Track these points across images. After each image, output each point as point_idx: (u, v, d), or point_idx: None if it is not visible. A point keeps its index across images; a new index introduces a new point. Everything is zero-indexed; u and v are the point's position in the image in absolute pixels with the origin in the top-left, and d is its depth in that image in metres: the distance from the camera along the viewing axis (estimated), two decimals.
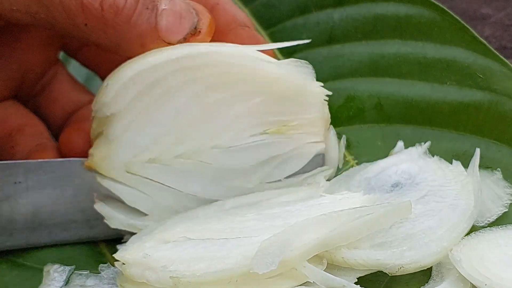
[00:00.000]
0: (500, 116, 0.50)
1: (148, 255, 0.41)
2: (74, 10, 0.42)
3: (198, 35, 0.45)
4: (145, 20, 0.43)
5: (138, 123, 0.46)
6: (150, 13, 0.43)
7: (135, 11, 0.43)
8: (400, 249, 0.42)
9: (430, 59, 0.54)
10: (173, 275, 0.40)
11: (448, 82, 0.53)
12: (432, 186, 0.47)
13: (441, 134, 0.52)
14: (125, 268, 0.41)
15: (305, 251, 0.40)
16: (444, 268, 0.43)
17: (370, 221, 0.41)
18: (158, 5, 0.44)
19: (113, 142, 0.46)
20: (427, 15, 0.56)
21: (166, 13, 0.44)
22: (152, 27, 0.43)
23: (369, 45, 0.57)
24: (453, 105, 0.52)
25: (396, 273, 0.41)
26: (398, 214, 0.42)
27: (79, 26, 0.43)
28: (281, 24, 0.63)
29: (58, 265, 0.46)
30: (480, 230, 0.45)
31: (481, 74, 0.52)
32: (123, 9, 0.43)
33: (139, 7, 0.43)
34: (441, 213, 0.44)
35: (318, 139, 0.49)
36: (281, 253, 0.39)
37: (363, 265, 0.42)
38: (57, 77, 0.53)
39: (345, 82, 0.57)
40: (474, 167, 0.47)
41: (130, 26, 0.43)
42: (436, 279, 0.43)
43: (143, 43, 0.44)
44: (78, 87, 0.54)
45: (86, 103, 0.53)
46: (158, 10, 0.43)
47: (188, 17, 0.44)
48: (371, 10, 0.58)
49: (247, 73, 0.46)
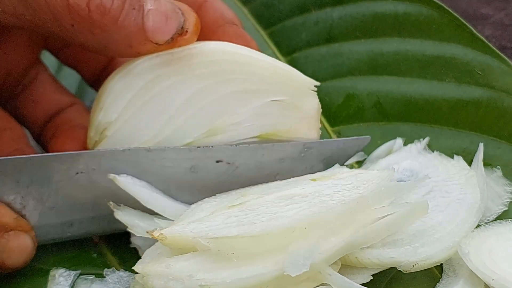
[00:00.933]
0: (499, 113, 0.50)
1: (171, 265, 0.40)
2: (60, 11, 0.42)
3: (185, 35, 0.44)
4: (132, 20, 0.43)
5: (135, 122, 0.46)
6: (136, 13, 0.43)
7: (122, 11, 0.43)
8: (413, 246, 0.42)
9: (429, 57, 0.54)
10: (202, 283, 0.39)
11: (447, 79, 0.53)
12: (436, 181, 0.47)
13: (440, 131, 0.52)
14: (146, 281, 0.41)
15: (332, 254, 0.40)
16: (456, 264, 0.43)
17: (390, 222, 0.41)
18: (144, 5, 0.43)
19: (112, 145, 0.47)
20: (425, 13, 0.56)
21: (152, 13, 0.43)
22: (139, 28, 0.43)
23: (368, 44, 0.58)
24: (452, 102, 0.52)
25: (411, 270, 0.41)
26: (417, 214, 0.42)
27: (66, 28, 0.43)
28: (280, 23, 0.63)
29: (64, 269, 0.46)
30: (490, 223, 0.45)
31: (480, 71, 0.52)
32: (110, 10, 0.42)
33: (125, 7, 0.43)
34: (448, 208, 0.44)
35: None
36: (311, 255, 0.39)
37: (377, 264, 0.42)
38: (38, 78, 0.52)
39: (344, 80, 0.57)
40: (478, 161, 0.47)
41: (117, 27, 0.43)
42: (449, 273, 0.43)
43: (131, 44, 0.44)
44: (59, 88, 0.53)
45: (68, 105, 0.52)
46: (145, 11, 0.43)
47: (174, 17, 0.44)
48: (370, 9, 0.58)
49: (240, 70, 0.47)
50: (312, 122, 0.49)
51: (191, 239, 0.40)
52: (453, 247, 0.42)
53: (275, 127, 0.47)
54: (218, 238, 0.40)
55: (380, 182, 0.42)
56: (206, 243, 0.39)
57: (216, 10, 0.50)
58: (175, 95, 0.46)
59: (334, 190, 0.42)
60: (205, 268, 0.40)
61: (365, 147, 0.50)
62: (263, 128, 0.47)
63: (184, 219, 0.43)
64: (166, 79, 0.46)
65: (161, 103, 0.46)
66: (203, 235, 0.40)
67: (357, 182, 0.43)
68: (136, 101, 0.46)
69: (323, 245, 0.40)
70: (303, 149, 0.48)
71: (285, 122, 0.48)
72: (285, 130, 0.48)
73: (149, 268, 0.41)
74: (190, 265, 0.40)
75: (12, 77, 0.50)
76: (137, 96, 0.46)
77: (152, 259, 0.42)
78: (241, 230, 0.40)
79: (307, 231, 0.40)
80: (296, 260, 0.39)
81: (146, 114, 0.46)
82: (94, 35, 0.43)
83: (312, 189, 0.43)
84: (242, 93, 0.47)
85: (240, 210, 0.42)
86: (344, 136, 0.54)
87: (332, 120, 0.56)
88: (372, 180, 0.43)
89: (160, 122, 0.46)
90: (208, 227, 0.41)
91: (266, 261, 0.40)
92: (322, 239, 0.40)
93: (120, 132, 0.47)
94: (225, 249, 0.40)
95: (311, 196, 0.42)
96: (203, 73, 0.46)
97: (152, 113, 0.46)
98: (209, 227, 0.41)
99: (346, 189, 0.42)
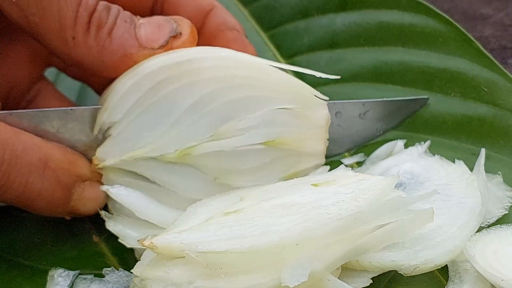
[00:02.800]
0: (503, 131, 0.50)
1: (169, 271, 0.40)
2: (67, 19, 0.44)
3: (180, 37, 0.46)
4: (125, 31, 0.45)
5: (140, 123, 0.47)
6: (128, 26, 0.45)
7: (115, 24, 0.45)
8: (413, 249, 0.42)
9: (434, 69, 0.55)
10: None
11: (452, 93, 0.53)
12: (437, 185, 0.47)
13: (442, 142, 0.52)
14: (145, 284, 0.41)
15: (332, 262, 0.40)
16: (461, 268, 0.43)
17: (393, 229, 0.41)
18: (135, 20, 0.46)
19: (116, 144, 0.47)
20: (432, 25, 0.56)
21: (144, 25, 0.46)
22: (133, 36, 0.45)
23: (372, 51, 0.58)
24: (457, 117, 0.52)
25: (411, 274, 0.42)
26: (421, 222, 0.42)
27: (67, 40, 0.44)
28: (281, 26, 0.63)
29: (63, 269, 0.46)
30: (492, 227, 0.45)
31: (486, 88, 0.52)
32: (105, 24, 0.45)
33: (118, 21, 0.45)
34: (450, 212, 0.45)
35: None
36: (310, 265, 0.39)
37: (378, 267, 0.42)
38: (41, 93, 0.53)
39: (347, 86, 0.57)
40: (479, 166, 0.47)
41: (111, 38, 0.45)
42: (454, 280, 0.43)
43: (125, 53, 0.45)
44: (64, 103, 0.54)
45: None
46: (136, 24, 0.46)
47: (166, 25, 0.46)
48: (375, 17, 0.58)
49: (249, 77, 0.47)
50: (320, 132, 0.49)
51: (181, 251, 0.40)
52: (454, 251, 0.42)
53: (282, 135, 0.48)
54: (206, 252, 0.39)
55: (381, 193, 0.42)
56: (195, 256, 0.39)
57: (220, 17, 0.52)
58: (182, 98, 0.46)
59: (332, 200, 0.42)
60: (204, 274, 0.40)
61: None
62: (269, 135, 0.47)
63: (177, 226, 0.43)
64: (174, 82, 0.46)
65: (168, 106, 0.46)
66: (192, 248, 0.40)
67: (358, 191, 0.42)
68: (143, 102, 0.46)
69: (323, 254, 0.40)
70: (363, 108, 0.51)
71: (292, 131, 0.48)
72: (292, 138, 0.48)
73: (148, 272, 0.41)
74: (189, 270, 0.40)
75: (15, 93, 0.51)
76: (144, 97, 0.46)
77: (150, 262, 0.42)
78: (231, 245, 0.39)
79: (298, 247, 0.39)
80: (294, 270, 0.39)
81: (151, 115, 0.46)
82: (90, 48, 0.44)
83: (311, 197, 0.42)
84: (250, 99, 0.47)
85: (235, 219, 0.42)
86: None
87: None
88: (374, 190, 0.42)
89: (165, 124, 0.46)
90: (198, 238, 0.41)
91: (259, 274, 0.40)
92: (314, 254, 0.40)
93: (124, 132, 0.47)
94: (214, 264, 0.39)
95: (309, 205, 0.42)
96: (212, 77, 0.46)
97: (158, 115, 0.46)
98: (199, 238, 0.40)
99: (346, 199, 0.42)
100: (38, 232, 0.50)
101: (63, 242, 0.49)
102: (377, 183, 0.43)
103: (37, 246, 0.48)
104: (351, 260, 0.42)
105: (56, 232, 0.50)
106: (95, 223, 0.49)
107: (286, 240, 0.39)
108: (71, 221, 0.49)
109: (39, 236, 0.49)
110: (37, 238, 0.49)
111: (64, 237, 0.49)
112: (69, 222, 0.49)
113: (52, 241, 0.49)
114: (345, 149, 0.53)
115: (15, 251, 0.48)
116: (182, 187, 0.48)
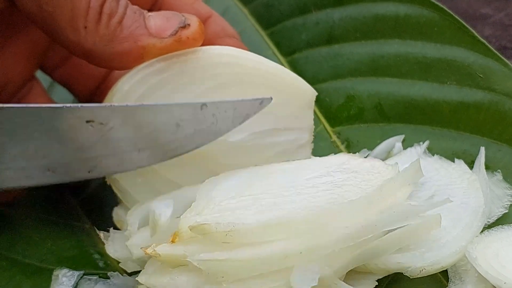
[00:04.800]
0: (500, 116, 0.50)
1: (175, 278, 0.40)
2: (81, 10, 0.44)
3: (189, 28, 0.46)
4: (135, 20, 0.46)
5: None
6: (138, 16, 0.46)
7: (125, 14, 0.46)
8: (419, 251, 0.42)
9: (430, 59, 0.54)
10: None
11: (448, 81, 0.53)
12: (438, 185, 0.46)
13: (441, 133, 0.52)
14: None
15: (341, 267, 0.40)
16: (461, 270, 0.42)
17: (401, 235, 0.40)
18: (144, 12, 0.46)
19: None
20: (426, 15, 0.56)
21: (153, 17, 0.46)
22: (142, 26, 0.46)
23: (368, 45, 0.58)
24: (453, 105, 0.52)
25: (418, 276, 0.41)
26: (428, 228, 0.41)
27: (79, 29, 0.45)
28: (280, 24, 0.63)
29: (67, 269, 0.46)
30: (493, 228, 0.44)
31: (481, 74, 0.52)
32: (116, 13, 0.45)
33: (128, 11, 0.46)
34: (452, 213, 0.44)
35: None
36: (319, 269, 0.38)
37: (384, 269, 0.41)
38: (32, 92, 0.53)
39: (345, 81, 0.57)
40: (480, 165, 0.47)
41: (122, 26, 0.45)
42: (455, 281, 0.42)
43: (135, 40, 0.45)
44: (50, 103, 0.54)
45: None
46: (145, 16, 0.46)
47: (174, 17, 0.47)
48: (371, 10, 0.58)
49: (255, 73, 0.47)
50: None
51: (183, 259, 0.40)
52: (460, 252, 0.42)
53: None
54: (207, 260, 0.39)
55: (393, 203, 0.41)
56: (197, 264, 0.39)
57: (218, 25, 0.54)
58: (178, 98, 0.46)
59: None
60: (211, 281, 0.39)
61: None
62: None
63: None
64: (170, 82, 0.46)
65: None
66: (195, 258, 0.39)
67: (371, 198, 0.40)
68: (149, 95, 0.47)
69: (332, 260, 0.39)
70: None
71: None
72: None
73: (154, 279, 0.41)
74: (195, 277, 0.40)
75: (10, 87, 0.51)
76: (142, 97, 0.47)
77: (155, 269, 0.42)
78: (231, 254, 0.39)
79: (303, 255, 0.39)
80: (304, 275, 0.38)
81: None
82: (102, 37, 0.45)
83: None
84: (245, 96, 0.47)
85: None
86: (344, 137, 0.55)
87: (332, 121, 0.56)
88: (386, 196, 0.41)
89: None
90: (201, 246, 0.40)
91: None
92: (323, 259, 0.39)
93: None
94: (215, 273, 0.39)
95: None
96: (207, 75, 0.46)
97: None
98: (202, 247, 0.40)
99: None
100: (38, 230, 0.50)
101: (63, 241, 0.49)
102: (391, 189, 0.41)
103: (37, 244, 0.48)
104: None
105: (56, 231, 0.50)
106: (95, 223, 0.50)
107: (291, 251, 0.39)
108: (71, 221, 0.49)
109: (39, 235, 0.49)
110: (37, 237, 0.49)
111: (64, 236, 0.49)
112: (69, 221, 0.49)
113: (52, 240, 0.49)
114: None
115: (15, 249, 0.48)
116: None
